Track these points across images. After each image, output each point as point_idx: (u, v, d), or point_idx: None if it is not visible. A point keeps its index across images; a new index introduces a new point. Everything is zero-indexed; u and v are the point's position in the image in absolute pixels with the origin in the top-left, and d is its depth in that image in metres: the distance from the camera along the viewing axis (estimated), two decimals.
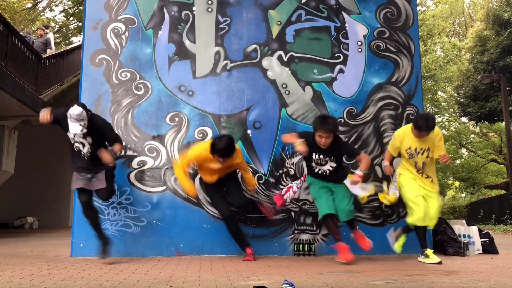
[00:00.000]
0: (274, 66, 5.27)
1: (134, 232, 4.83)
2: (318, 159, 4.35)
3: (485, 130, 24.81)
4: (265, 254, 4.79)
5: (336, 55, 5.34)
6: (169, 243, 4.83)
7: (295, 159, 5.06)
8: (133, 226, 4.84)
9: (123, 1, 5.25)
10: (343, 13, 5.43)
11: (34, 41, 11.86)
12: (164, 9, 5.29)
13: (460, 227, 5.25)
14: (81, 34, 18.29)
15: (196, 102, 5.13)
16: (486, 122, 20.27)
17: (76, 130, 4.04)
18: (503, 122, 16.23)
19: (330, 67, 5.30)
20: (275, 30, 5.34)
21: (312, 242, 4.89)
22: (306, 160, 4.50)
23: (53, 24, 21.31)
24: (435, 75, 23.41)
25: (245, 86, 5.20)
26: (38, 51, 11.15)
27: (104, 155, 4.20)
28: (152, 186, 4.93)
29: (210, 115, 5.12)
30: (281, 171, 5.05)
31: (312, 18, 5.41)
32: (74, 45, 14.80)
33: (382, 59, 5.37)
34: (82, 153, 4.25)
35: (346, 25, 5.41)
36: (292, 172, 5.06)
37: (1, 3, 19.36)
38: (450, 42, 26.27)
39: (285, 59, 5.28)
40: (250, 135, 5.10)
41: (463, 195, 32.49)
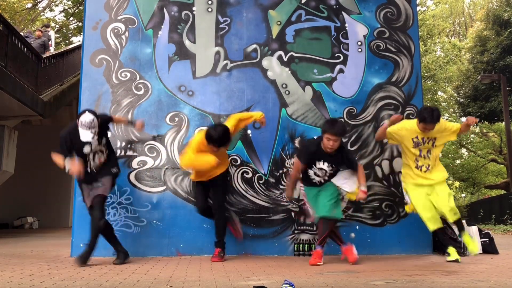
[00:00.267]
0: (274, 66, 5.27)
1: (134, 232, 4.83)
2: (320, 168, 4.29)
3: (485, 130, 24.82)
4: (265, 254, 4.79)
5: (336, 55, 5.34)
6: (169, 243, 4.83)
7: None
8: (133, 226, 4.83)
9: (123, 1, 5.25)
10: (343, 13, 5.43)
11: (32, 42, 11.85)
12: (164, 9, 5.29)
13: None
14: (81, 34, 18.29)
15: (196, 102, 5.13)
16: (486, 122, 20.27)
17: (87, 138, 4.01)
18: (503, 122, 16.23)
19: (330, 67, 5.30)
20: (275, 30, 5.34)
21: (312, 242, 4.89)
22: (308, 164, 4.35)
23: (53, 24, 21.30)
24: (435, 75, 23.42)
25: (245, 86, 5.20)
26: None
27: (138, 125, 4.60)
28: (152, 186, 4.93)
29: (210, 115, 5.12)
30: (281, 171, 5.05)
31: (312, 18, 5.41)
32: (74, 45, 14.81)
33: (382, 59, 5.37)
34: (99, 163, 4.25)
35: (346, 25, 5.41)
36: (292, 172, 5.05)
37: (1, 3, 19.36)
38: (450, 42, 26.29)
39: (285, 59, 5.28)
40: (250, 135, 5.10)
41: (463, 195, 32.52)
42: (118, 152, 4.92)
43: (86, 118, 4.01)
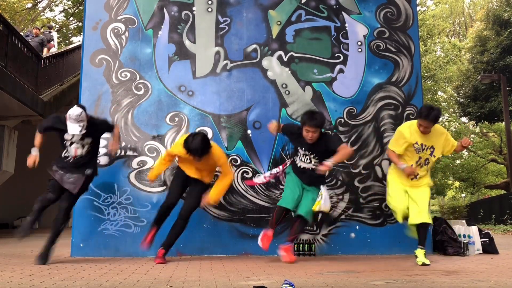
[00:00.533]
0: (274, 66, 5.27)
1: (134, 232, 4.83)
2: (304, 154, 4.37)
3: (485, 130, 24.82)
4: (265, 254, 4.78)
5: (336, 55, 5.34)
6: None
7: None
8: (133, 226, 4.83)
9: (123, 1, 5.25)
10: (343, 13, 5.43)
11: (30, 40, 11.86)
12: (164, 9, 5.29)
13: (460, 227, 5.25)
14: (81, 34, 18.29)
15: (196, 102, 5.13)
16: (486, 122, 20.27)
17: (75, 131, 4.04)
18: (503, 122, 16.23)
19: (330, 67, 5.30)
20: (275, 30, 5.34)
21: (312, 242, 4.89)
22: (294, 153, 4.54)
23: (53, 24, 21.31)
24: (435, 75, 23.42)
25: (245, 86, 5.20)
26: None
27: (113, 145, 4.44)
28: (152, 186, 4.93)
29: (210, 115, 5.12)
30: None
31: (312, 18, 5.41)
32: (74, 45, 14.80)
33: (382, 59, 5.37)
34: (75, 155, 4.20)
35: (346, 25, 5.41)
36: None
37: (1, 3, 19.37)
38: (450, 42, 26.29)
39: (285, 59, 5.28)
40: (250, 135, 5.10)
41: (463, 195, 32.50)
42: (118, 152, 4.92)
43: (74, 111, 4.02)
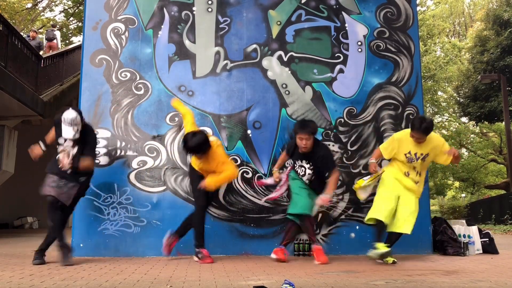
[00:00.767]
0: (274, 66, 5.27)
1: (134, 232, 4.83)
2: (300, 166, 4.42)
3: (485, 130, 24.82)
4: (265, 254, 4.78)
5: (336, 55, 5.34)
6: None
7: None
8: (133, 226, 4.83)
9: (123, 1, 5.25)
10: (343, 13, 5.43)
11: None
12: (164, 9, 5.29)
13: (460, 227, 5.26)
14: (81, 34, 18.30)
15: (196, 102, 5.13)
16: (486, 122, 20.27)
17: (68, 135, 3.98)
18: (503, 122, 16.23)
19: (330, 67, 5.30)
20: (275, 30, 5.34)
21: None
22: (293, 163, 4.57)
23: (51, 24, 21.32)
24: (435, 75, 23.42)
25: (245, 86, 5.20)
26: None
27: (84, 162, 4.06)
28: (152, 186, 4.93)
29: (210, 115, 5.12)
30: (281, 171, 5.04)
31: (312, 18, 5.41)
32: (74, 45, 14.82)
33: (382, 59, 5.37)
34: (61, 163, 4.08)
35: (346, 25, 5.41)
36: None
37: (1, 3, 19.37)
38: (450, 42, 26.29)
39: (285, 59, 5.28)
40: (250, 135, 5.10)
41: (463, 195, 32.50)
42: (118, 152, 4.93)
43: (69, 115, 3.96)
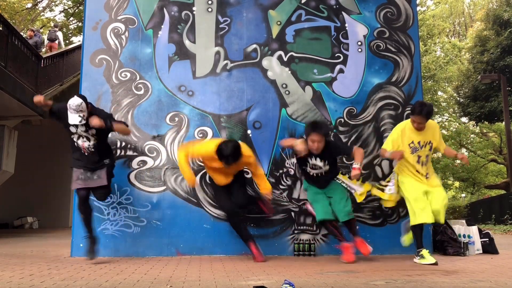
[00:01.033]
0: (274, 66, 5.27)
1: (134, 232, 4.83)
2: (314, 164, 4.41)
3: (485, 130, 24.82)
4: (265, 254, 4.77)
5: (336, 55, 5.34)
6: (169, 243, 4.83)
7: (295, 159, 5.05)
8: (133, 226, 4.83)
9: (123, 1, 5.25)
10: (343, 13, 5.43)
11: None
12: (164, 9, 5.29)
13: (460, 227, 5.25)
14: (81, 34, 18.29)
15: (196, 102, 5.13)
16: (486, 122, 20.27)
17: (75, 121, 4.05)
18: (503, 122, 16.23)
19: (330, 67, 5.30)
20: (275, 30, 5.34)
21: (312, 242, 4.89)
22: (301, 164, 4.55)
23: (52, 24, 21.32)
24: (435, 75, 23.41)
25: (245, 86, 5.20)
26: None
27: (93, 120, 4.08)
28: (152, 186, 4.93)
29: (210, 115, 5.12)
30: (281, 171, 5.05)
31: (312, 18, 5.41)
32: (74, 45, 14.82)
33: (382, 59, 5.37)
34: (83, 149, 4.26)
35: (346, 25, 5.41)
36: (292, 172, 5.06)
37: (1, 3, 19.37)
38: (450, 42, 26.28)
39: (285, 59, 5.28)
40: (250, 135, 5.10)
41: (463, 195, 32.50)
42: (118, 152, 4.93)
43: (74, 101, 4.03)
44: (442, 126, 26.12)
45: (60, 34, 14.48)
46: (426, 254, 4.19)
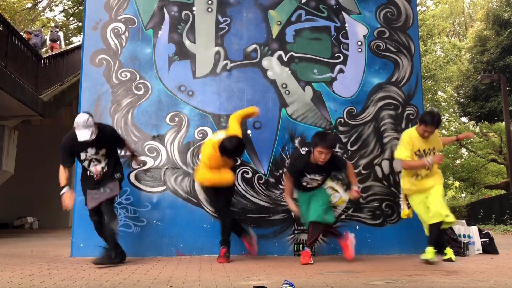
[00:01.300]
0: (274, 66, 5.27)
1: (134, 232, 4.83)
2: (312, 179, 4.40)
3: (485, 130, 24.82)
4: (265, 254, 4.78)
5: (336, 55, 5.34)
6: (169, 243, 4.83)
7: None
8: (133, 226, 4.83)
9: (123, 1, 5.25)
10: (343, 13, 5.43)
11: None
12: (164, 9, 5.29)
13: (460, 227, 5.26)
14: (81, 34, 18.30)
15: (196, 102, 5.13)
16: (486, 122, 20.27)
17: (85, 137, 3.96)
18: (503, 122, 16.23)
19: (330, 67, 5.30)
20: (275, 30, 5.34)
21: None
22: (299, 175, 4.44)
23: (52, 24, 21.33)
24: (435, 75, 23.43)
25: (245, 86, 5.20)
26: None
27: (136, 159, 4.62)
28: (152, 186, 4.93)
29: (210, 115, 5.11)
30: (281, 171, 5.05)
31: (312, 18, 5.41)
32: (74, 45, 14.82)
33: (382, 59, 5.36)
34: (97, 174, 4.19)
35: (346, 25, 5.41)
36: None
37: (1, 3, 19.38)
38: (450, 42, 26.29)
39: (285, 59, 5.28)
40: (250, 135, 5.10)
41: (463, 195, 32.50)
42: (118, 152, 4.91)
43: (80, 118, 4.00)
44: (442, 126, 26.12)
45: (61, 35, 14.50)
46: (430, 250, 4.20)
